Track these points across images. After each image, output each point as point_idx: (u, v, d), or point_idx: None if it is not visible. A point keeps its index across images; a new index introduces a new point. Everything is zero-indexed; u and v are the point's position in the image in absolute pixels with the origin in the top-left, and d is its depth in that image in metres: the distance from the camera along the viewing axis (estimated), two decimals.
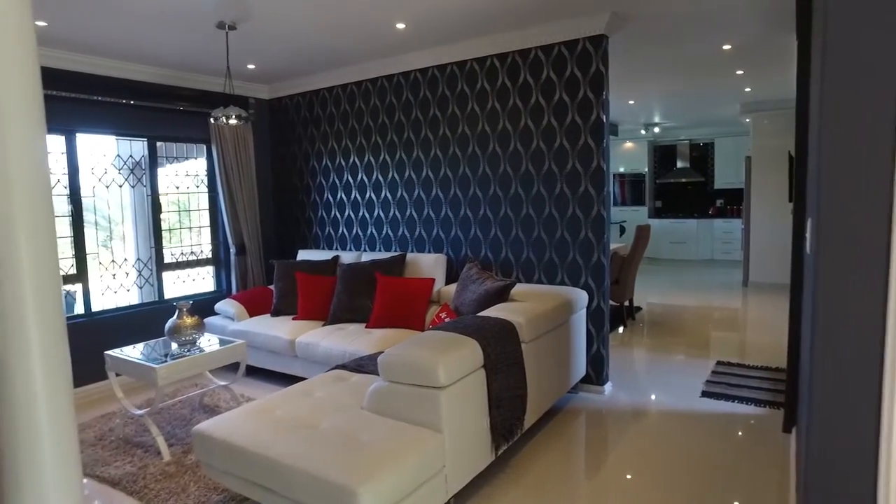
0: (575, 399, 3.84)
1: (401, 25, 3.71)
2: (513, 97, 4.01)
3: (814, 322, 1.45)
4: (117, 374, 3.36)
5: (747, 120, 7.99)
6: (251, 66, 4.66)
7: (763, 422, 3.39)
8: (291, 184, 5.45)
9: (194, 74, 4.76)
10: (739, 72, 5.41)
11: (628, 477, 2.83)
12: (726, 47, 4.46)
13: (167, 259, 4.88)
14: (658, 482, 2.75)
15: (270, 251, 5.56)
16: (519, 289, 3.68)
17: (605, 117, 3.69)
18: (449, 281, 4.34)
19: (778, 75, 5.58)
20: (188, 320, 3.31)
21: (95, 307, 4.39)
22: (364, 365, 3.12)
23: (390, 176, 4.72)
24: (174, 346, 3.37)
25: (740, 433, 3.27)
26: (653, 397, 3.87)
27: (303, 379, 3.44)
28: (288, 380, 4.01)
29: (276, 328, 4.16)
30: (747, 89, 6.42)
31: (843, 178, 1.38)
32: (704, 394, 3.82)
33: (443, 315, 3.55)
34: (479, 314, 3.06)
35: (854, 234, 1.38)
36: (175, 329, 3.29)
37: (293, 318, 4.34)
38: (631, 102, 7.28)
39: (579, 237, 3.87)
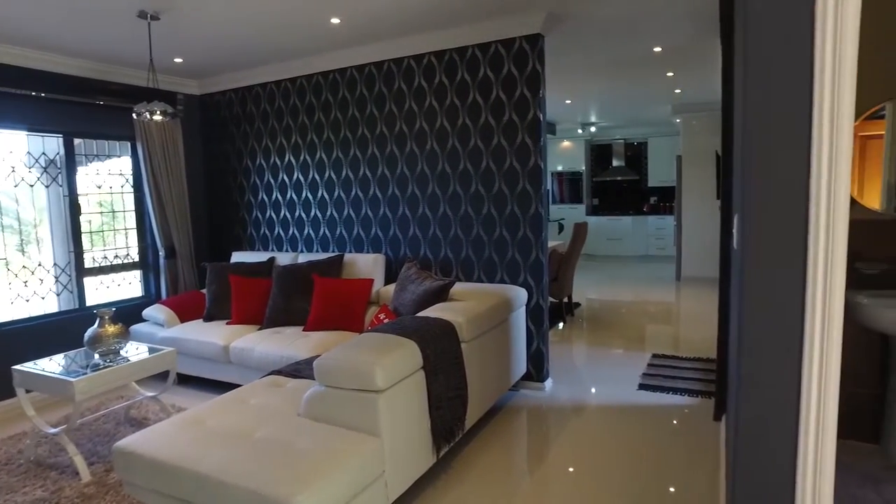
0: (516, 397, 3.86)
1: (335, 20, 3.62)
2: (450, 95, 3.99)
3: (740, 314, 1.50)
4: (27, 391, 3.11)
5: (678, 120, 8.30)
6: (178, 60, 4.44)
7: (695, 411, 3.51)
8: (225, 183, 5.24)
9: (116, 67, 4.48)
10: (669, 73, 5.60)
11: (569, 470, 2.86)
12: (657, 49, 4.60)
13: (88, 264, 4.59)
14: (598, 473, 2.79)
15: (203, 254, 5.33)
16: (458, 288, 3.66)
17: (541, 116, 3.72)
18: (388, 281, 4.28)
19: (705, 78, 5.81)
20: (111, 329, 3.11)
21: (2, 318, 4.06)
22: (301, 369, 3.02)
23: (327, 175, 4.60)
24: (96, 356, 3.15)
25: (675, 423, 3.37)
26: (592, 391, 3.94)
27: (238, 386, 3.31)
28: (222, 387, 3.84)
29: (208, 334, 3.98)
30: (677, 90, 6.66)
31: (764, 178, 1.43)
32: (641, 386, 3.92)
33: (382, 316, 3.49)
34: (419, 314, 3.02)
35: (774, 230, 1.43)
36: (96, 339, 3.08)
37: (227, 323, 4.17)
38: (568, 102, 7.42)
39: (518, 235, 3.89)
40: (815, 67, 1.38)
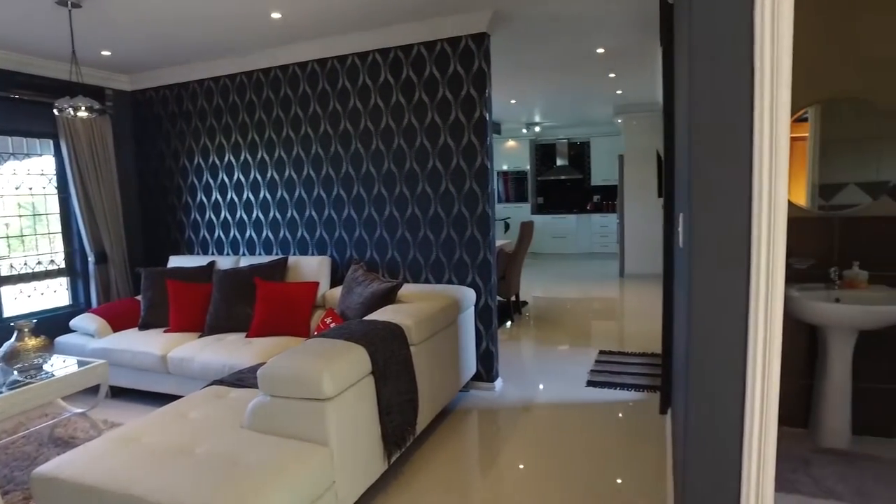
0: (466, 398, 3.85)
1: (276, 15, 3.49)
2: (396, 94, 3.93)
3: (689, 310, 1.52)
4: None
5: (619, 120, 8.52)
6: (106, 53, 4.19)
7: (642, 406, 3.59)
8: (160, 184, 4.99)
9: (36, 58, 4.18)
10: (612, 75, 5.72)
11: (521, 469, 2.86)
12: (600, 51, 4.68)
13: (5, 271, 4.27)
14: (550, 471, 2.80)
15: (137, 259, 5.06)
16: (406, 290, 3.61)
17: (488, 115, 3.72)
18: (334, 284, 4.18)
19: (645, 80, 5.97)
20: (31, 342, 2.90)
21: None
22: (244, 378, 2.89)
23: (269, 175, 4.45)
24: (14, 373, 2.92)
25: (623, 418, 3.43)
26: (542, 390, 3.97)
27: (177, 398, 3.14)
28: (161, 399, 3.65)
29: (144, 343, 3.78)
30: (619, 91, 6.83)
31: (709, 179, 1.46)
32: (589, 383, 3.98)
33: (328, 320, 3.40)
34: (366, 318, 2.95)
35: (719, 228, 1.46)
36: (13, 354, 2.86)
37: (165, 331, 3.96)
38: (513, 102, 7.48)
39: (465, 235, 3.87)
40: (756, 73, 1.42)
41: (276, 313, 3.72)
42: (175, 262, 4.64)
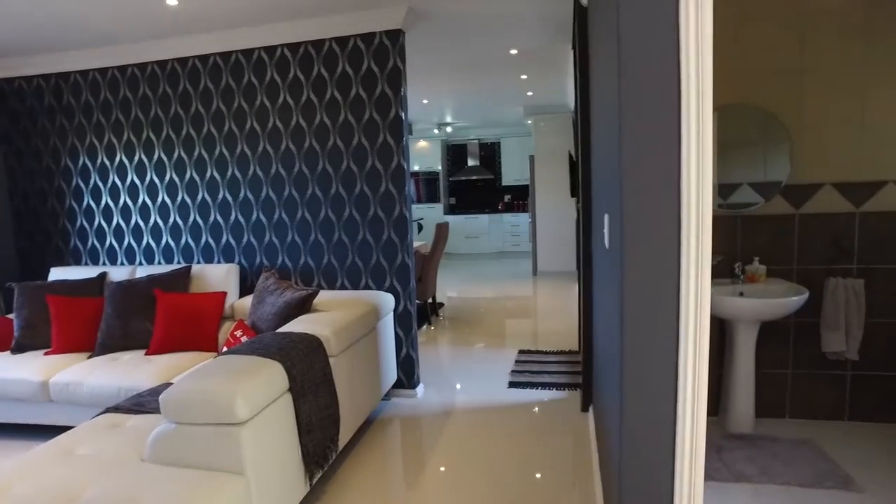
0: (388, 406, 3.73)
1: (172, 2, 3.20)
2: (307, 91, 3.74)
3: (621, 310, 1.52)
4: None
5: (529, 122, 8.70)
6: None
7: (564, 404, 3.63)
8: (37, 187, 4.46)
9: None
10: (524, 76, 5.80)
11: (448, 475, 2.79)
12: (513, 52, 4.72)
13: None
14: (477, 475, 2.75)
15: (10, 272, 4.50)
16: (322, 297, 3.44)
17: (403, 114, 3.62)
18: (243, 294, 3.92)
19: (555, 82, 6.11)
20: None
21: None
22: (144, 403, 2.62)
23: (168, 177, 4.10)
24: None
25: (546, 417, 3.45)
26: (464, 393, 3.93)
27: (65, 429, 2.79)
28: (45, 433, 3.25)
29: (19, 368, 3.33)
30: (529, 93, 6.96)
31: (640, 181, 1.47)
32: (511, 384, 3.99)
33: (238, 333, 3.16)
34: (281, 330, 2.76)
35: (650, 229, 1.46)
36: None
37: (46, 353, 3.53)
38: (425, 101, 7.42)
39: (382, 238, 3.75)
40: (682, 77, 1.43)
41: (179, 327, 3.42)
42: (57, 274, 4.16)
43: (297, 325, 2.81)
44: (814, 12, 2.92)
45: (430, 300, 6.06)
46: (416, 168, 11.53)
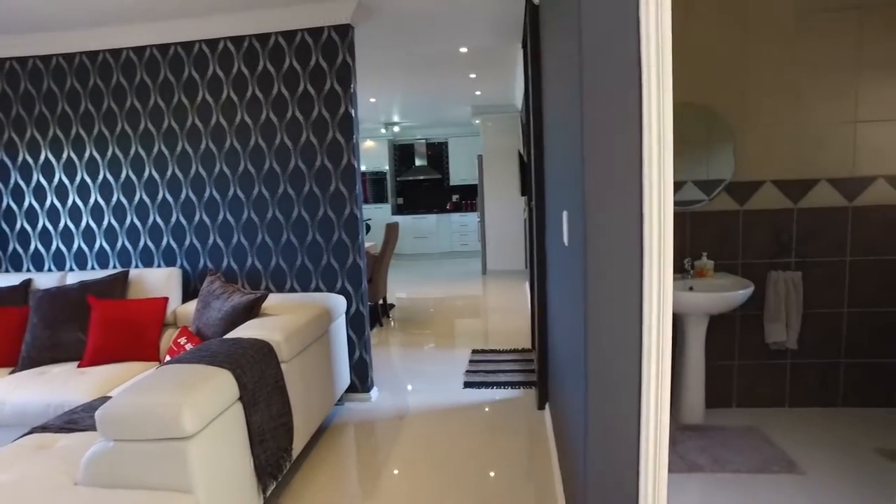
0: (342, 411, 3.63)
1: None
2: (252, 87, 3.59)
3: (585, 308, 1.51)
4: None
5: (477, 121, 8.72)
6: None
7: (520, 403, 3.63)
8: None
9: None
10: (472, 75, 5.79)
11: (405, 479, 2.73)
12: (463, 50, 4.70)
13: None
14: (435, 478, 2.70)
15: None
16: (271, 301, 3.31)
17: (353, 111, 3.53)
18: (187, 299, 3.73)
19: (503, 81, 6.14)
20: None
21: None
22: (78, 420, 2.43)
23: (101, 177, 3.85)
24: None
25: (502, 416, 3.44)
26: (419, 396, 3.87)
27: None
28: None
29: None
30: (478, 93, 6.96)
31: (602, 178, 1.47)
32: (466, 384, 3.96)
33: (182, 340, 2.99)
34: (228, 336, 2.63)
35: (613, 226, 1.46)
36: None
37: None
38: (372, 100, 7.32)
39: (333, 239, 3.65)
40: (643, 73, 1.43)
41: (116, 336, 3.21)
42: None
43: (247, 331, 2.68)
44: (753, 15, 3.02)
45: (380, 301, 5.97)
46: (363, 168, 11.38)
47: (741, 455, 2.77)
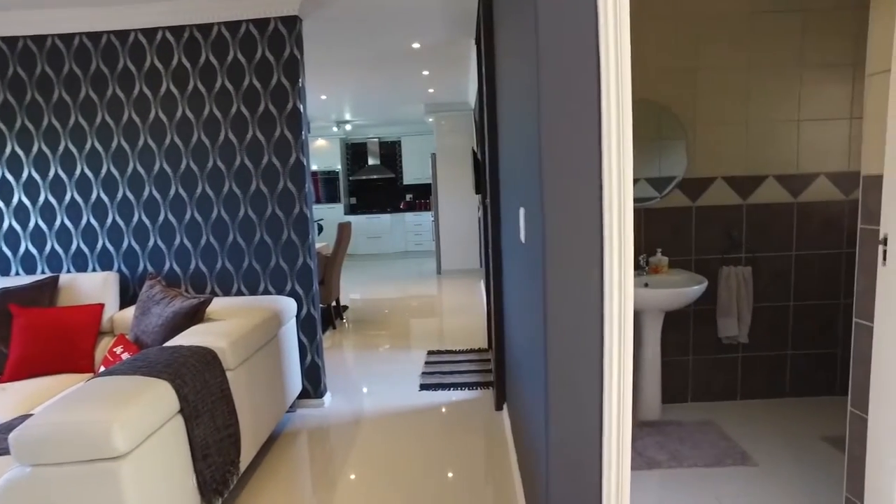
0: (294, 419, 3.49)
1: None
2: (193, 80, 3.40)
3: (545, 306, 1.46)
4: None
5: (430, 119, 8.64)
6: None
7: (477, 404, 3.57)
8: None
9: None
10: (425, 72, 5.71)
11: (362, 487, 2.62)
12: (415, 45, 4.60)
13: None
14: (393, 485, 2.61)
15: None
16: (217, 305, 3.14)
17: (302, 107, 3.39)
18: (125, 305, 3.51)
19: (456, 79, 6.08)
20: None
21: None
22: None
23: (25, 175, 3.57)
24: None
25: (460, 418, 3.37)
26: (374, 399, 3.76)
27: None
28: None
29: None
30: (431, 90, 6.88)
31: (563, 175, 1.43)
32: (423, 387, 3.87)
33: (118, 350, 2.79)
34: (169, 343, 2.46)
35: (573, 223, 1.42)
36: None
37: None
38: (323, 97, 7.14)
39: (282, 239, 3.50)
40: (602, 70, 1.40)
41: (44, 347, 2.97)
42: None
43: (189, 338, 2.52)
44: (705, 15, 3.06)
45: (333, 303, 5.82)
46: (314, 167, 11.14)
47: (697, 450, 2.79)
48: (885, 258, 1.69)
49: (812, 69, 3.12)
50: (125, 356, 2.68)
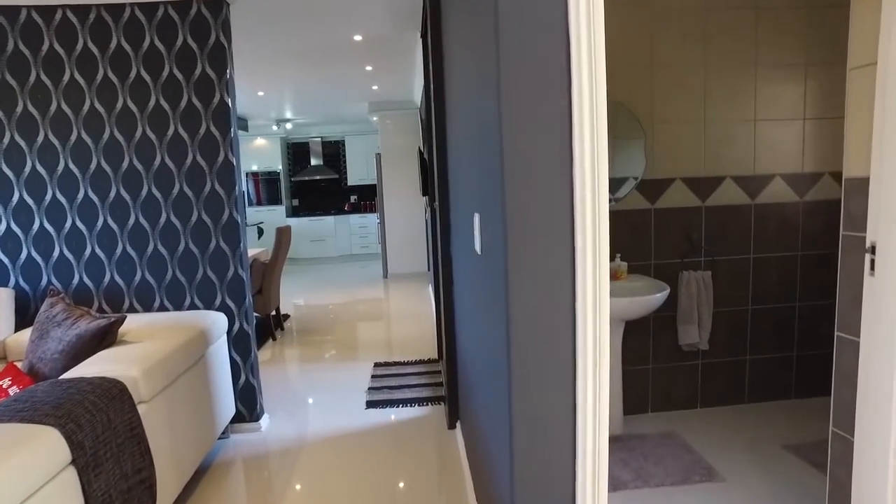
0: (227, 446, 3.14)
1: None
2: (103, 68, 3.00)
3: (508, 323, 1.26)
4: None
5: (374, 118, 8.33)
6: None
7: (428, 422, 3.32)
8: None
9: None
10: (369, 67, 5.41)
11: None
12: (357, 38, 4.31)
13: None
14: None
15: None
16: (133, 324, 2.77)
17: (230, 101, 3.06)
18: (23, 326, 3.07)
19: (401, 75, 5.81)
20: None
21: None
22: None
23: None
24: None
25: (410, 439, 3.11)
26: (317, 420, 3.45)
27: None
28: None
29: None
30: (375, 87, 6.58)
31: (528, 178, 1.26)
32: (369, 404, 3.59)
33: (5, 383, 2.37)
34: (66, 375, 2.10)
35: (540, 230, 1.22)
36: None
37: None
38: (261, 94, 6.72)
39: (209, 248, 3.15)
40: (572, 57, 1.20)
41: None
42: None
43: (94, 366, 2.16)
44: (661, 12, 2.92)
45: (273, 312, 5.44)
46: (254, 168, 10.61)
47: (662, 466, 2.64)
48: (872, 267, 1.55)
49: (765, 67, 3.04)
50: (13, 391, 2.28)
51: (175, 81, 3.02)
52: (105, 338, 2.44)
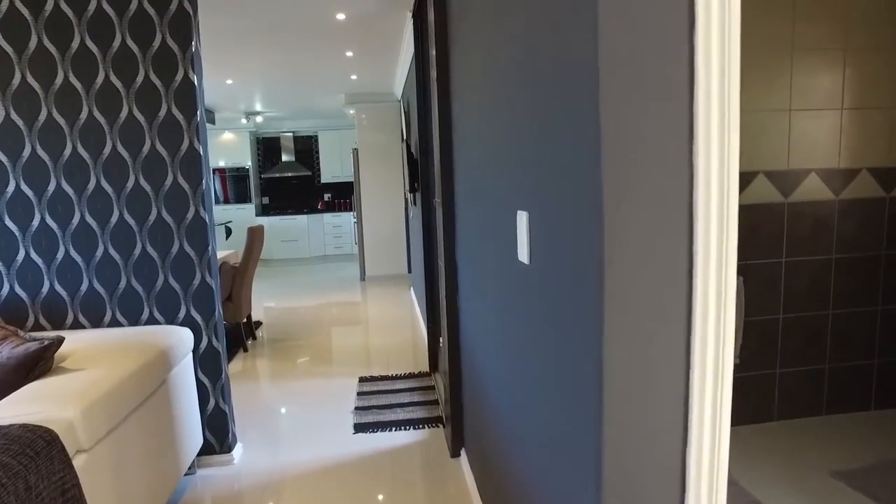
0: (194, 483, 2.68)
1: None
2: (38, 35, 2.51)
3: (603, 352, 0.86)
4: None
5: (351, 112, 7.86)
6: None
7: (426, 448, 2.91)
8: None
9: None
10: (349, 53, 4.95)
11: None
12: (340, 17, 3.86)
13: None
14: None
15: None
16: (77, 344, 2.29)
17: (196, 79, 2.59)
18: None
19: (384, 65, 5.37)
20: None
21: None
22: None
23: None
24: None
25: (408, 469, 2.69)
26: (298, 448, 3.00)
27: None
28: None
29: None
30: (353, 76, 6.12)
31: (627, 162, 0.84)
32: (357, 427, 3.15)
33: None
34: None
35: (645, 234, 0.83)
36: None
37: None
38: (229, 82, 6.20)
39: (172, 252, 2.68)
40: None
41: None
42: None
43: (16, 407, 1.69)
44: None
45: (244, 320, 4.96)
46: (221, 164, 10.02)
47: None
48: None
49: (802, 52, 2.74)
50: None
51: (128, 53, 2.54)
52: (37, 365, 1.96)
